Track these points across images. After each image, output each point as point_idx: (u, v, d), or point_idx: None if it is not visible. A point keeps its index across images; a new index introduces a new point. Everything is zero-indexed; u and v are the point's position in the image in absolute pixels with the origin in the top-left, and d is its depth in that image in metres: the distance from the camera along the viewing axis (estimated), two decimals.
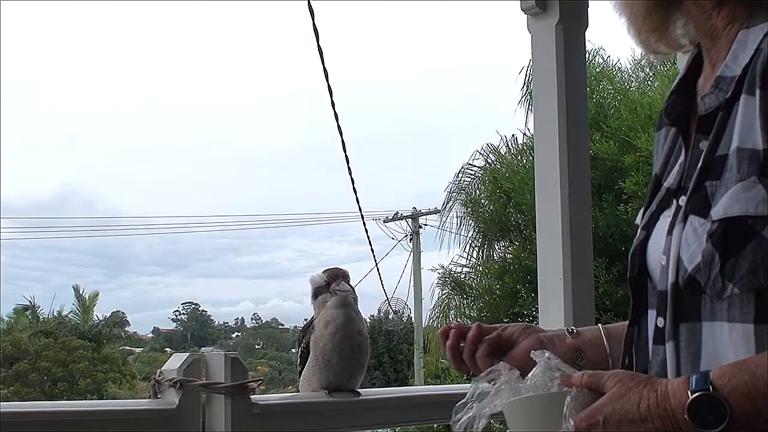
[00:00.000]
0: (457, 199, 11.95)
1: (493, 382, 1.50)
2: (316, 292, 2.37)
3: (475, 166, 11.95)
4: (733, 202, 1.30)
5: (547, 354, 1.48)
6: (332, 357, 2.30)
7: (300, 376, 2.41)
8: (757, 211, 1.27)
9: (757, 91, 1.31)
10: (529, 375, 1.46)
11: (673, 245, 1.38)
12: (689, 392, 1.25)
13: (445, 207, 12.45)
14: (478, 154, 11.97)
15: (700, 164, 1.37)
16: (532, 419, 1.42)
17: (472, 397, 1.52)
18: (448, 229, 13.03)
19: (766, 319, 1.28)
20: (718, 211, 1.31)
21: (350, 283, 2.37)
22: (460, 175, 12.11)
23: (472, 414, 1.50)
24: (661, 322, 1.39)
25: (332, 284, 2.34)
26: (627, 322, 1.55)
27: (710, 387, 1.23)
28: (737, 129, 1.33)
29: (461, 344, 1.70)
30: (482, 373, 1.54)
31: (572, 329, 1.73)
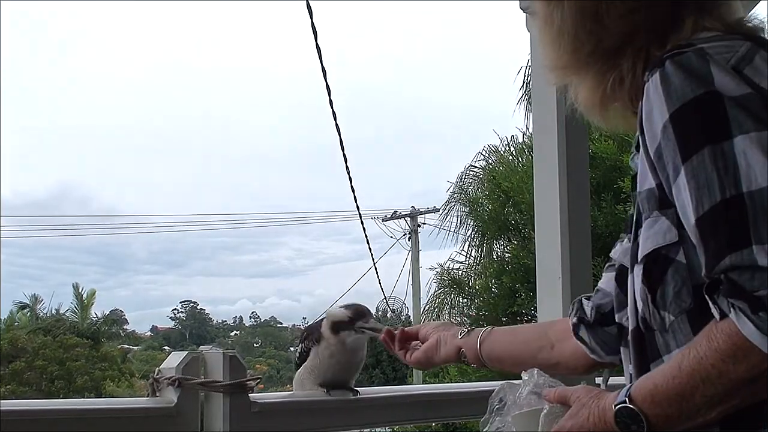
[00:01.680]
0: (458, 200, 11.93)
1: (501, 401, 1.66)
2: (337, 328, 2.32)
3: (476, 167, 11.95)
4: (645, 240, 1.43)
5: (535, 372, 1.66)
6: (327, 374, 2.31)
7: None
8: (666, 240, 1.40)
9: (639, 136, 1.45)
10: (520, 393, 1.63)
11: (629, 297, 1.50)
12: (614, 405, 1.39)
13: (447, 208, 12.43)
14: (480, 155, 11.97)
15: (633, 219, 1.50)
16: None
17: (491, 413, 1.68)
18: (447, 228, 13.04)
19: None
20: (641, 251, 1.44)
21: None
22: (463, 176, 12.09)
23: (496, 425, 1.66)
24: (633, 368, 1.49)
25: (357, 322, 2.27)
26: (542, 322, 1.73)
27: (627, 399, 1.37)
28: (639, 174, 1.47)
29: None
30: (493, 393, 1.70)
31: (466, 329, 2.07)
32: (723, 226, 1.26)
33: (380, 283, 26.17)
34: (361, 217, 20.36)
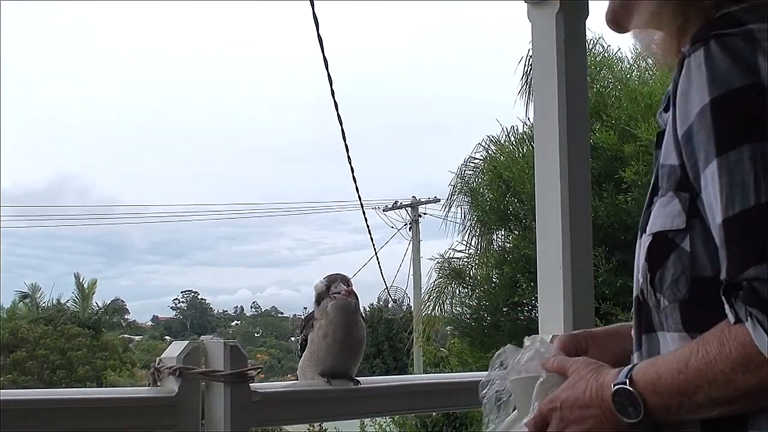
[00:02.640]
0: (460, 191, 11.90)
1: (502, 365, 1.65)
2: (319, 298, 2.36)
3: (477, 158, 11.93)
4: (656, 218, 1.40)
5: (538, 339, 1.66)
6: (327, 358, 2.31)
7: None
8: (673, 225, 1.37)
9: (671, 109, 1.38)
10: (520, 359, 1.62)
11: (635, 261, 1.47)
12: (613, 384, 1.37)
13: (449, 201, 12.39)
14: (480, 147, 11.94)
15: (652, 180, 1.46)
16: (517, 399, 1.61)
17: (490, 374, 1.68)
18: (447, 219, 13.02)
19: (692, 328, 1.34)
20: (650, 227, 1.41)
21: (350, 286, 2.36)
22: (464, 168, 12.07)
23: (495, 388, 1.66)
24: (634, 332, 1.49)
25: (331, 288, 2.34)
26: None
27: (627, 381, 1.35)
28: (664, 146, 1.42)
29: None
30: (494, 355, 1.68)
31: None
32: (752, 234, 1.22)
33: (381, 273, 26.16)
34: (362, 207, 20.35)
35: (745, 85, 1.27)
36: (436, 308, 11.74)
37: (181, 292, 73.32)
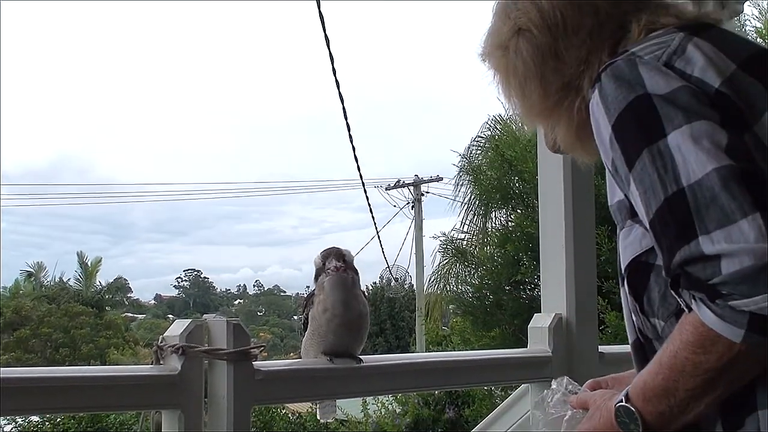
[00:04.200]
0: (465, 171, 11.85)
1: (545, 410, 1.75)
2: (317, 274, 2.36)
3: (482, 137, 11.88)
4: (624, 249, 1.47)
5: (565, 380, 1.74)
6: (328, 335, 2.31)
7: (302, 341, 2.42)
8: (642, 247, 1.42)
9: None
10: (550, 401, 1.72)
11: (624, 311, 1.53)
12: (614, 405, 1.42)
13: (458, 181, 12.33)
14: (486, 125, 11.90)
15: (613, 218, 1.54)
16: None
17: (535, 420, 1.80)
18: (449, 197, 12.99)
19: None
20: (624, 262, 1.48)
21: (347, 259, 2.35)
22: (470, 148, 12.02)
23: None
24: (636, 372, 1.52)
25: (326, 263, 2.34)
26: None
27: (623, 398, 1.40)
28: (608, 188, 1.52)
29: None
30: (538, 399, 1.78)
31: None
32: (671, 224, 1.27)
33: (383, 252, 26.15)
34: (364, 185, 20.38)
35: (630, 101, 1.35)
36: (445, 289, 11.75)
37: (184, 271, 73.58)
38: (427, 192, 27.07)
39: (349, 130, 13.92)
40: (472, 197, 11.41)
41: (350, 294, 2.32)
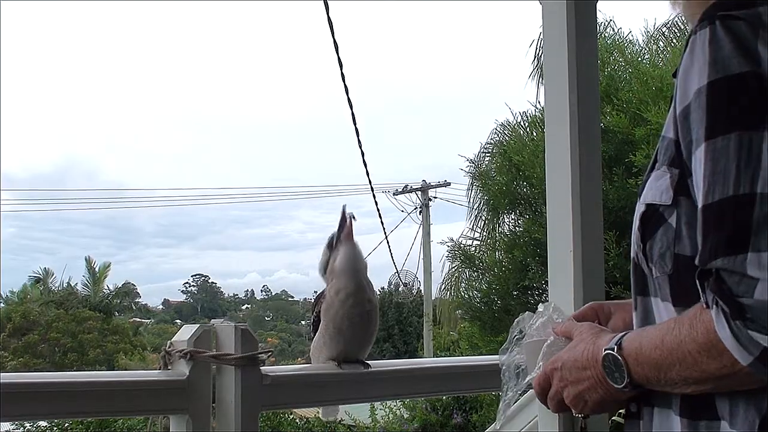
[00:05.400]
0: (475, 177, 11.85)
1: (521, 332, 1.77)
2: (323, 266, 2.37)
3: (491, 143, 11.89)
4: (648, 190, 1.43)
5: (551, 306, 1.78)
6: (343, 324, 2.30)
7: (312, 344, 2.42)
8: (662, 200, 1.39)
9: (673, 80, 1.40)
10: (532, 324, 1.74)
11: (633, 223, 1.49)
12: (603, 349, 1.43)
13: (470, 189, 12.32)
14: (494, 131, 11.90)
15: (657, 147, 1.48)
16: (528, 361, 1.71)
17: (510, 342, 1.80)
18: (457, 203, 12.99)
19: (680, 302, 1.38)
20: (643, 197, 1.45)
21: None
22: (479, 155, 12.02)
23: (514, 356, 1.78)
24: (632, 292, 1.53)
25: (334, 240, 2.35)
26: None
27: (616, 347, 1.40)
28: (667, 118, 1.43)
29: None
30: (513, 323, 1.80)
31: None
32: (726, 224, 1.22)
33: (392, 257, 26.20)
34: (372, 190, 20.42)
35: (743, 72, 1.27)
36: (455, 296, 11.74)
37: (192, 276, 73.72)
38: (435, 197, 27.10)
39: (357, 135, 13.92)
40: (481, 203, 11.42)
41: (363, 278, 2.33)
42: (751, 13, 1.31)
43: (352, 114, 11.99)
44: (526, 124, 11.13)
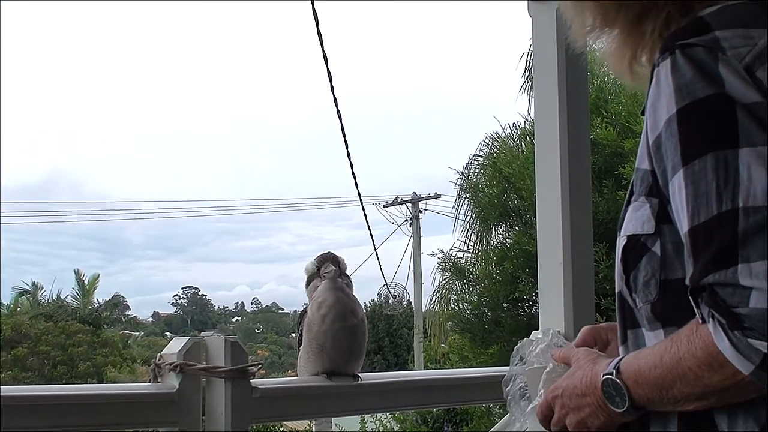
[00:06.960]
0: (464, 189, 11.87)
1: (521, 359, 1.75)
2: (309, 280, 2.37)
3: (480, 155, 11.91)
4: (628, 221, 1.44)
5: (551, 331, 1.75)
6: (326, 341, 2.30)
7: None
8: (644, 230, 1.40)
9: (642, 117, 1.43)
10: (531, 350, 1.71)
11: (615, 258, 1.50)
12: (602, 374, 1.42)
13: (458, 201, 12.33)
14: (484, 144, 11.92)
15: (632, 179, 1.49)
16: (530, 389, 1.69)
17: (512, 370, 1.77)
18: (447, 215, 13.01)
19: (670, 324, 1.37)
20: (624, 229, 1.45)
21: (341, 266, 2.37)
22: (468, 166, 12.04)
23: (518, 384, 1.75)
24: (618, 326, 1.52)
25: (321, 268, 2.34)
26: None
27: (614, 372, 1.40)
28: (639, 149, 1.45)
29: None
30: (514, 350, 1.77)
31: None
32: (714, 242, 1.23)
33: (381, 269, 26.15)
34: (362, 202, 20.38)
35: (708, 95, 1.29)
36: (445, 308, 11.75)
37: (182, 289, 73.49)
38: (425, 209, 27.10)
39: (347, 147, 13.93)
40: (471, 215, 11.43)
41: (345, 293, 2.34)
42: (709, 38, 1.33)
43: (342, 126, 12.02)
44: (516, 136, 11.16)
